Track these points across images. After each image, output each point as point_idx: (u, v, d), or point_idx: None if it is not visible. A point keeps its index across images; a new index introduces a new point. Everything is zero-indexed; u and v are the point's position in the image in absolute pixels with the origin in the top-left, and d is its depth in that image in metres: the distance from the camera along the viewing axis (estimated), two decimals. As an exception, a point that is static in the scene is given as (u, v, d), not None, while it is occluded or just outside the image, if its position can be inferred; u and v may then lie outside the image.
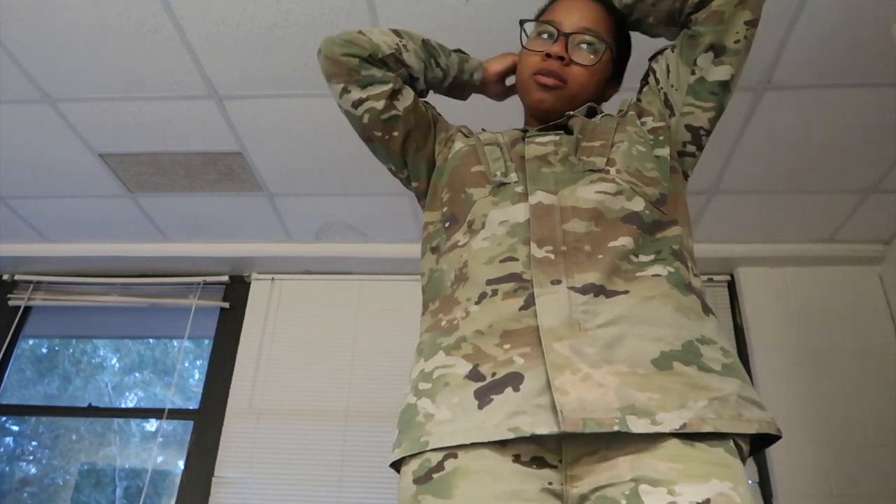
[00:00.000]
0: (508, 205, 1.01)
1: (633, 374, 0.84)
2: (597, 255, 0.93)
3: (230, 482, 2.82)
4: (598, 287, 0.90)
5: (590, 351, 0.85)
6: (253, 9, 1.96)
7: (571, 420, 0.80)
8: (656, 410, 0.82)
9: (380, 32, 1.18)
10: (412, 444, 0.89)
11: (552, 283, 0.91)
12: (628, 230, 0.96)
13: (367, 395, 2.95)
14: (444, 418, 0.88)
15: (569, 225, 0.96)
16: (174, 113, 2.37)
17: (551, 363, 0.84)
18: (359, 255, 3.11)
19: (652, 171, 1.03)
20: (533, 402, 0.84)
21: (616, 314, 0.89)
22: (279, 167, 2.64)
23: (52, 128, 2.44)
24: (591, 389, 0.82)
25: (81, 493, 3.47)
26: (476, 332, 0.93)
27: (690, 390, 0.84)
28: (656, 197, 1.01)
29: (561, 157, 1.05)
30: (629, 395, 0.83)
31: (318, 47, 1.17)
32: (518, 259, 0.95)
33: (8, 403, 3.25)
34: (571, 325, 0.87)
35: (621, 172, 1.01)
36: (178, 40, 2.07)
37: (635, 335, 0.87)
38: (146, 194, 2.83)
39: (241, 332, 3.14)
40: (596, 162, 1.02)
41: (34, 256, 3.20)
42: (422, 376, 0.96)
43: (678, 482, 0.78)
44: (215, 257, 3.16)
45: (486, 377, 0.88)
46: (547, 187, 1.00)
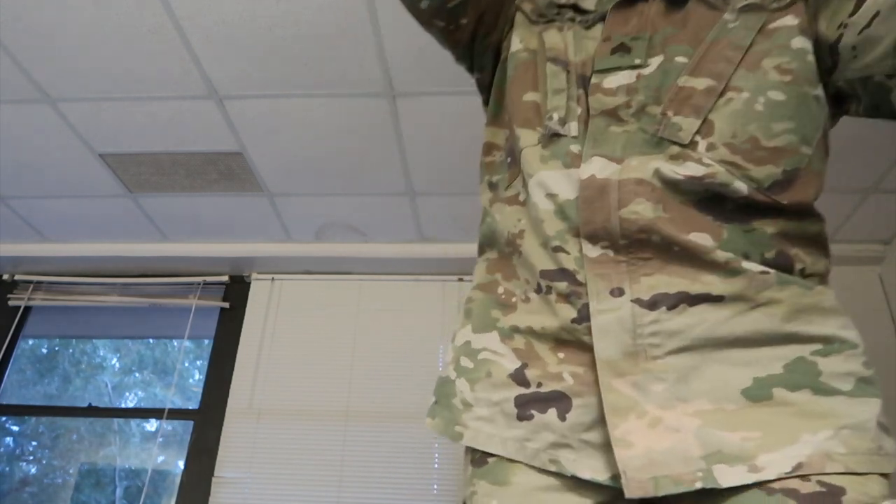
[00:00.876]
0: (559, 167, 0.76)
1: (720, 411, 0.65)
2: (672, 248, 0.70)
3: (230, 482, 2.82)
4: (676, 296, 0.69)
5: (658, 388, 0.67)
6: (253, 9, 1.96)
7: (638, 482, 0.64)
8: (756, 452, 0.63)
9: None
10: (447, 427, 0.79)
11: (612, 293, 0.70)
12: (703, 221, 0.71)
13: (367, 395, 2.95)
14: (482, 415, 0.77)
15: (629, 209, 0.71)
16: (174, 113, 2.37)
17: (611, 406, 0.67)
18: (359, 255, 3.11)
19: (783, 135, 0.71)
20: (579, 436, 0.70)
21: (695, 336, 0.68)
22: (279, 167, 2.64)
23: (52, 128, 2.44)
24: (662, 437, 0.65)
25: (81, 493, 3.48)
26: (530, 329, 0.77)
27: (804, 420, 0.64)
28: (775, 178, 0.71)
29: (636, 110, 0.75)
30: (715, 437, 0.64)
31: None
32: (569, 253, 0.74)
33: (8, 403, 3.25)
34: (636, 354, 0.69)
35: (717, 148, 0.71)
36: (178, 40, 2.07)
37: (719, 360, 0.68)
38: (146, 194, 2.83)
39: (241, 332, 3.14)
40: (682, 129, 0.72)
41: (34, 256, 3.20)
42: (466, 350, 0.82)
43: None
44: (215, 257, 3.16)
45: (531, 385, 0.75)
46: (610, 152, 0.74)
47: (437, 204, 2.81)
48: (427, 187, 2.70)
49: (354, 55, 2.09)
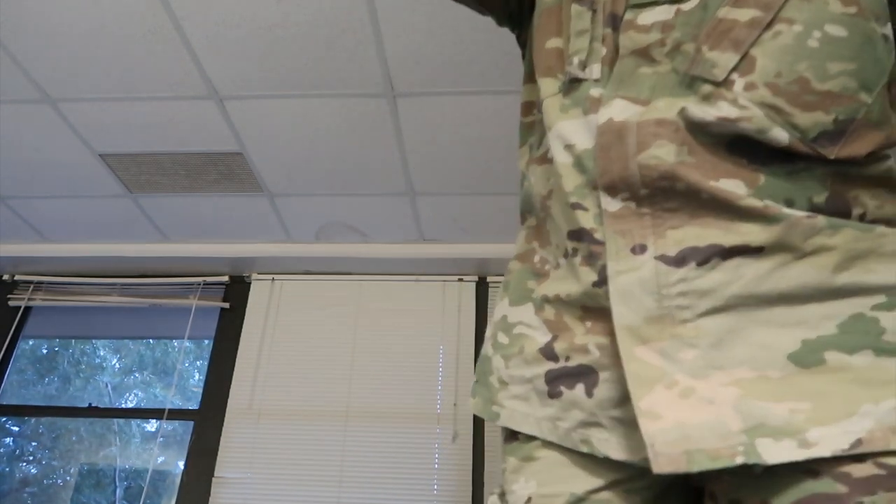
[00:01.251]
0: (578, 115, 0.69)
1: (763, 379, 0.57)
2: (699, 196, 0.61)
3: (230, 482, 2.82)
4: (708, 249, 0.60)
5: (689, 355, 0.59)
6: (253, 9, 1.96)
7: (669, 456, 0.56)
8: (807, 425, 0.54)
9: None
10: (485, 407, 0.76)
11: (633, 250, 0.62)
12: (735, 166, 0.61)
13: (367, 395, 2.95)
14: (517, 393, 0.72)
15: (648, 154, 0.62)
16: (174, 113, 2.37)
17: (634, 377, 0.59)
18: (359, 255, 3.11)
19: (838, 78, 0.60)
20: (608, 413, 0.64)
21: (732, 293, 0.59)
22: (279, 167, 2.64)
23: (52, 128, 2.45)
24: (696, 409, 0.57)
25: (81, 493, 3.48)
26: (558, 298, 0.71)
27: (864, 387, 0.55)
28: (823, 128, 0.60)
29: (671, 48, 0.66)
30: (757, 409, 0.55)
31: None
32: (588, 209, 0.66)
33: (8, 404, 3.25)
34: (661, 318, 0.60)
35: (756, 88, 0.60)
36: (178, 40, 2.07)
37: (761, 321, 0.59)
38: (146, 194, 2.83)
39: (241, 333, 3.14)
40: (717, 65, 0.62)
41: (34, 256, 3.20)
42: (503, 324, 0.77)
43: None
44: (215, 257, 3.16)
45: (560, 359, 0.69)
46: (636, 94, 0.65)
47: (437, 204, 2.81)
48: (427, 187, 2.70)
49: (354, 55, 2.09)
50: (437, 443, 2.83)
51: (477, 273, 3.17)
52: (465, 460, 2.79)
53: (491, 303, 3.14)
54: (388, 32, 2.02)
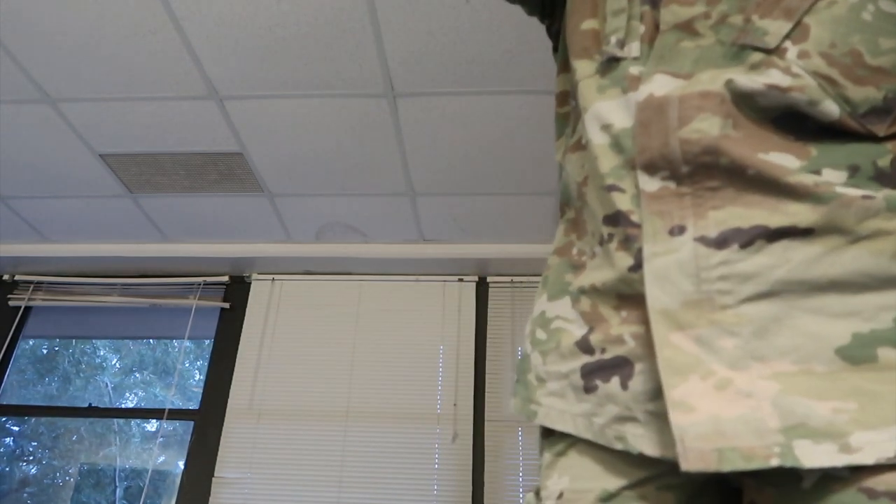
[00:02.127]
0: (616, 94, 0.66)
1: (806, 373, 0.53)
2: (745, 172, 0.57)
3: (230, 482, 2.82)
4: (752, 230, 0.56)
5: (729, 344, 0.55)
6: (253, 9, 1.96)
7: (698, 452, 0.52)
8: (850, 428, 0.50)
9: None
10: (524, 406, 0.74)
11: (671, 232, 0.59)
12: (783, 141, 0.58)
13: (367, 395, 2.95)
14: (554, 390, 0.70)
15: (690, 128, 0.59)
16: (174, 113, 2.37)
17: (667, 364, 0.56)
18: (359, 255, 3.11)
19: (890, 54, 0.58)
20: (644, 406, 0.60)
21: (778, 278, 0.55)
22: (279, 167, 2.64)
23: (52, 128, 2.45)
24: (732, 402, 0.53)
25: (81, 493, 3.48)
26: (593, 287, 0.68)
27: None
28: (874, 104, 0.58)
29: (716, 21, 0.63)
30: (798, 406, 0.52)
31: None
32: (625, 191, 0.63)
33: (8, 404, 3.25)
34: (700, 303, 0.56)
35: (810, 57, 0.58)
36: (178, 40, 2.07)
37: (809, 310, 0.54)
38: (146, 194, 2.84)
39: (241, 333, 3.14)
40: (769, 32, 0.59)
41: (34, 256, 3.20)
42: (541, 320, 0.75)
43: None
44: (215, 257, 3.16)
45: (595, 351, 0.66)
46: (678, 68, 0.62)
47: (437, 204, 2.81)
48: (427, 187, 2.70)
49: (355, 55, 2.09)
50: (437, 443, 2.83)
51: (477, 273, 3.17)
52: (465, 460, 2.79)
53: (491, 303, 3.14)
54: (388, 32, 2.02)
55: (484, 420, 2.88)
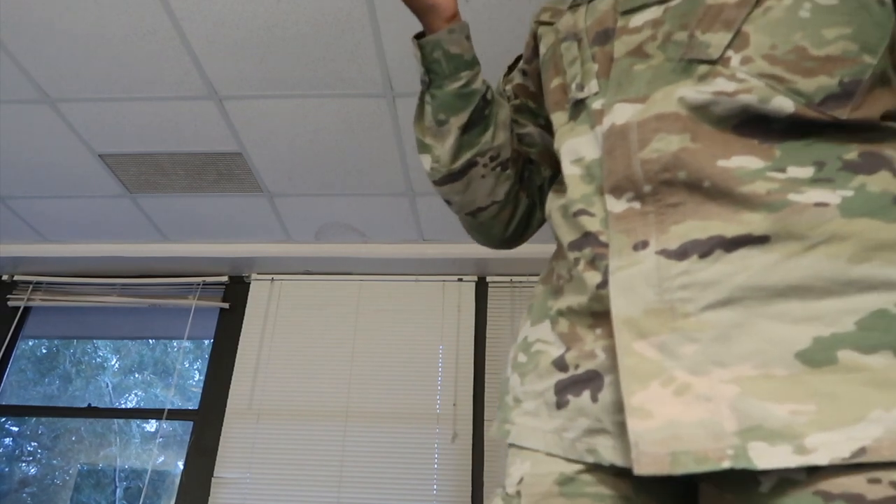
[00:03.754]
0: (585, 131, 0.71)
1: (766, 377, 0.53)
2: (702, 185, 0.60)
3: (230, 482, 2.82)
4: (712, 240, 0.58)
5: (689, 350, 0.56)
6: (253, 9, 1.97)
7: (652, 456, 0.53)
8: (807, 430, 0.50)
9: (464, 191, 0.88)
10: (500, 427, 0.75)
11: (635, 247, 0.62)
12: (745, 145, 0.60)
13: (367, 395, 2.95)
14: (529, 409, 0.71)
15: (650, 148, 0.63)
16: (174, 113, 2.37)
17: (628, 372, 0.58)
18: (359, 255, 3.11)
19: (836, 42, 0.60)
20: (614, 417, 0.61)
21: (737, 285, 0.57)
22: (279, 167, 2.64)
23: (52, 128, 2.45)
24: (690, 407, 0.54)
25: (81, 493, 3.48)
26: (569, 308, 0.70)
27: (877, 390, 0.50)
28: (830, 91, 0.59)
29: (662, 41, 0.67)
30: (756, 409, 0.52)
31: (479, 243, 0.98)
32: (595, 214, 0.67)
33: (8, 404, 3.25)
34: (662, 311, 0.58)
35: (753, 61, 0.61)
36: (178, 41, 2.07)
37: (770, 315, 0.55)
38: (146, 194, 2.84)
39: (240, 333, 3.14)
40: (711, 44, 0.63)
41: (34, 257, 3.20)
42: (523, 345, 0.77)
43: None
44: (215, 257, 3.16)
45: (570, 368, 0.68)
46: (633, 93, 0.66)
47: (437, 204, 2.81)
48: (427, 187, 2.70)
49: (354, 55, 2.09)
50: (437, 443, 2.83)
51: (477, 273, 3.18)
52: (465, 460, 2.79)
53: (491, 303, 3.14)
54: (388, 32, 2.02)
55: (484, 420, 2.88)
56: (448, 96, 0.82)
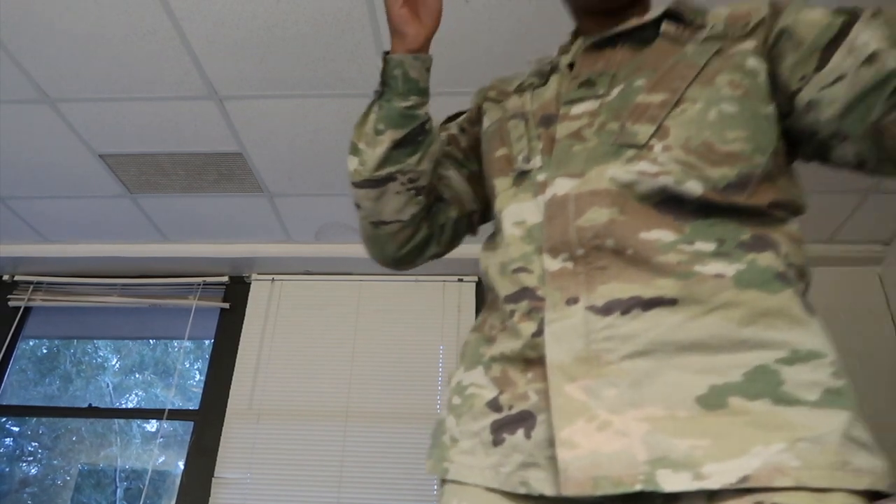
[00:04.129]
0: (528, 198, 0.81)
1: (671, 417, 0.64)
2: (625, 252, 0.72)
3: (230, 482, 2.82)
4: (631, 300, 0.70)
5: (611, 393, 0.67)
6: (253, 9, 1.97)
7: (577, 480, 0.64)
8: (703, 461, 0.61)
9: (377, 200, 0.93)
10: (436, 466, 0.82)
11: (567, 302, 0.72)
12: (662, 221, 0.73)
13: (367, 395, 2.95)
14: (465, 448, 0.78)
15: (584, 218, 0.74)
16: (174, 113, 2.37)
17: (559, 410, 0.68)
18: (359, 256, 3.11)
19: (736, 142, 0.74)
20: (545, 452, 0.69)
21: (650, 339, 0.68)
22: (279, 167, 2.64)
23: (52, 128, 2.45)
24: (610, 440, 0.65)
25: (82, 493, 3.48)
26: (502, 355, 0.79)
27: (758, 430, 0.62)
28: (728, 181, 0.73)
29: (597, 128, 0.80)
30: (663, 443, 0.63)
31: (371, 255, 1.04)
32: (533, 272, 0.77)
33: (8, 404, 3.25)
34: (589, 359, 0.69)
35: (672, 149, 0.74)
36: (178, 41, 2.07)
37: (675, 367, 0.67)
38: (146, 195, 2.84)
39: (241, 333, 3.14)
40: (638, 133, 0.76)
41: (34, 257, 3.20)
42: (458, 389, 0.85)
43: None
44: (215, 258, 3.16)
45: (504, 409, 0.76)
46: (572, 169, 0.78)
47: (437, 204, 2.81)
48: (427, 187, 2.70)
49: (354, 55, 2.09)
50: (437, 443, 2.83)
51: (477, 273, 3.17)
52: (465, 460, 2.79)
53: (491, 303, 3.14)
54: (388, 32, 2.02)
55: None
56: (393, 111, 0.88)
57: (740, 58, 0.79)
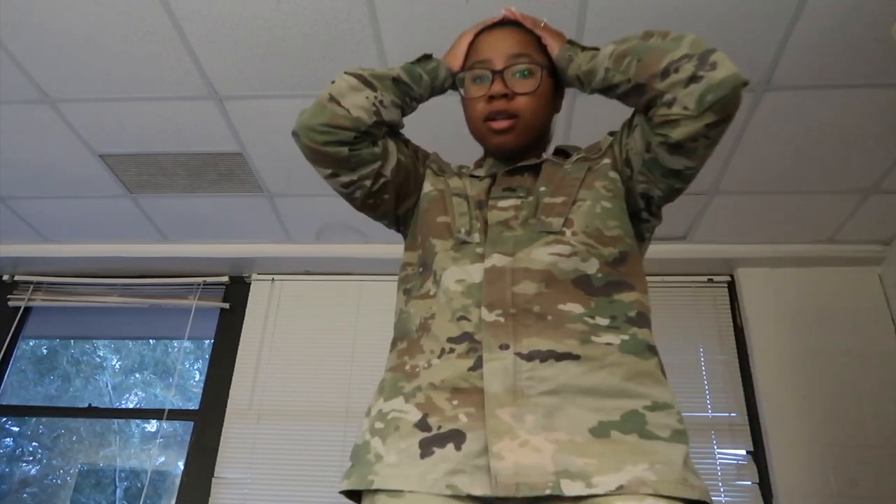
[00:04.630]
0: (467, 263, 1.03)
1: (571, 441, 0.87)
2: (546, 318, 0.95)
3: (230, 482, 2.82)
4: (547, 353, 0.92)
5: (530, 419, 0.88)
6: (253, 9, 1.97)
7: (505, 484, 0.84)
8: (593, 474, 0.84)
9: (350, 90, 1.11)
10: (360, 480, 0.93)
11: (500, 347, 0.93)
12: (576, 295, 0.98)
13: (367, 395, 2.94)
14: (391, 462, 0.92)
15: (519, 287, 0.98)
16: (174, 113, 2.37)
17: (492, 429, 0.88)
18: (359, 256, 3.11)
19: (614, 229, 1.04)
20: (472, 462, 0.88)
21: (560, 383, 0.91)
22: (279, 167, 2.64)
23: (52, 128, 2.45)
24: (528, 455, 0.85)
25: (81, 493, 3.48)
26: (430, 385, 0.96)
27: (629, 455, 0.86)
28: (614, 257, 1.02)
29: (521, 221, 1.06)
30: (565, 460, 0.85)
31: (294, 129, 1.13)
32: (471, 320, 0.97)
33: (8, 404, 3.25)
34: (515, 392, 0.90)
35: (577, 234, 1.02)
36: (178, 40, 2.07)
37: (575, 404, 0.90)
38: (146, 195, 2.84)
39: (241, 333, 3.14)
40: (553, 223, 1.03)
41: (34, 257, 3.20)
42: (379, 416, 0.99)
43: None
44: (215, 258, 3.16)
45: (433, 429, 0.92)
46: (505, 249, 1.02)
47: (437, 204, 2.81)
48: (427, 187, 2.70)
49: (354, 55, 2.09)
50: (437, 443, 2.83)
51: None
52: (465, 460, 2.79)
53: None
54: (388, 32, 2.02)
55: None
56: (415, 73, 1.25)
57: (604, 169, 1.11)
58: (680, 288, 3.07)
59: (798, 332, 2.84)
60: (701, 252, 2.98)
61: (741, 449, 2.75)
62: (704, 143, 0.99)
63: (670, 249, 2.96)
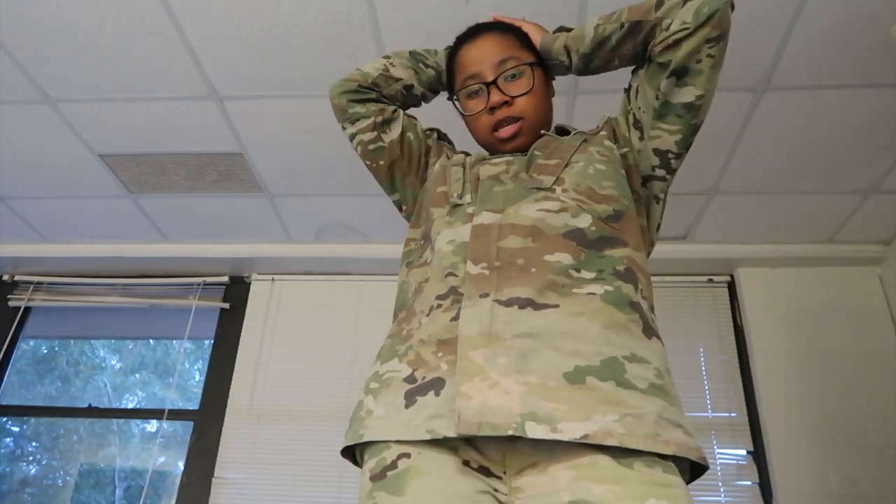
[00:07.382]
0: (459, 224, 1.06)
1: (543, 385, 0.86)
2: (530, 270, 0.96)
3: (230, 483, 2.82)
4: (526, 300, 0.93)
5: (503, 360, 0.88)
6: (253, 9, 1.97)
7: (468, 423, 0.84)
8: (559, 419, 0.83)
9: (372, 61, 1.32)
10: (353, 436, 0.97)
11: (480, 296, 0.95)
12: (567, 246, 0.99)
13: (367, 395, 2.95)
14: (379, 414, 0.95)
15: (505, 241, 1.00)
16: (174, 113, 2.37)
17: (462, 370, 0.88)
18: (359, 256, 3.11)
19: (608, 188, 1.06)
20: (450, 406, 0.88)
21: (536, 326, 0.91)
22: (279, 167, 2.64)
23: (52, 128, 2.45)
24: (496, 396, 0.85)
25: (81, 493, 3.48)
26: (420, 341, 0.98)
27: (600, 404, 0.85)
28: (608, 213, 1.03)
29: (512, 175, 1.10)
30: (533, 402, 0.85)
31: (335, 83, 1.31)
32: (458, 275, 1.00)
33: (8, 404, 3.25)
34: (490, 335, 0.91)
35: (568, 191, 1.04)
36: (178, 41, 2.07)
37: (552, 348, 0.89)
38: (146, 195, 2.84)
39: (241, 333, 3.14)
40: (543, 180, 1.06)
41: (34, 257, 3.20)
42: (374, 377, 1.02)
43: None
44: (215, 258, 3.16)
45: (418, 380, 0.94)
46: (494, 206, 1.05)
47: (437, 204, 2.81)
48: (427, 187, 2.70)
49: (354, 55, 2.09)
50: (437, 443, 2.83)
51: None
52: (465, 460, 2.79)
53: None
54: (388, 32, 2.02)
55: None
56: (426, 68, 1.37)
57: (601, 139, 1.15)
58: (680, 288, 3.07)
59: (798, 332, 2.84)
60: (701, 252, 2.98)
61: (741, 449, 2.75)
62: (709, 62, 1.02)
63: (670, 249, 2.96)
